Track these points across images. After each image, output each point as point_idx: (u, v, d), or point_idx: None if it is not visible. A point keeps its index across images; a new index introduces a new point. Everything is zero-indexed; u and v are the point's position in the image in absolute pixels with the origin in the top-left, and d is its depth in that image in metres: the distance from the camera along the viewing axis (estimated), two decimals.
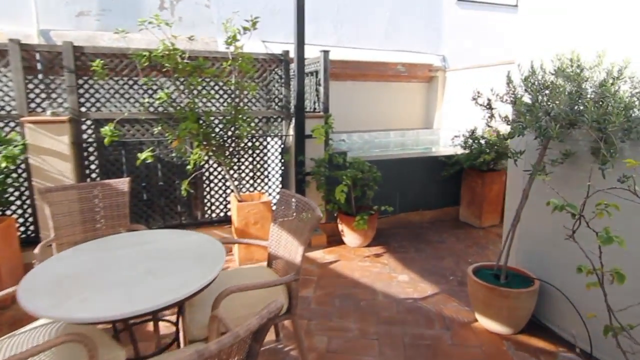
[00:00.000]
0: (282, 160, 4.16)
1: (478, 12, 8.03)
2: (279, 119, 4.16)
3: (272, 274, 2.24)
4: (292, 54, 3.95)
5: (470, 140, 4.57)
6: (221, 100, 3.86)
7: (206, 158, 3.67)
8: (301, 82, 3.93)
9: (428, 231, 4.58)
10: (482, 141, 4.50)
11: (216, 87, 3.83)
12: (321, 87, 4.22)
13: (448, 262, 3.72)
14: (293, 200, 2.25)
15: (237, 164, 4.02)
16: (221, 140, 3.65)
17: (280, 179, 4.25)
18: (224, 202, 4.05)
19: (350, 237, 3.98)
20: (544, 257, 2.59)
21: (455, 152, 4.74)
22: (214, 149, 3.48)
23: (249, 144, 4.02)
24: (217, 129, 3.81)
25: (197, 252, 1.88)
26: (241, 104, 3.88)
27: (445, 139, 7.53)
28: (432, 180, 4.78)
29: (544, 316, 2.61)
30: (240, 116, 3.53)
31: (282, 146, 4.17)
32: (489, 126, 2.43)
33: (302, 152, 4.01)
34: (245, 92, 3.81)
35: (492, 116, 2.36)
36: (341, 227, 4.08)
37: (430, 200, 4.85)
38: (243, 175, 4.10)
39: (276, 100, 4.10)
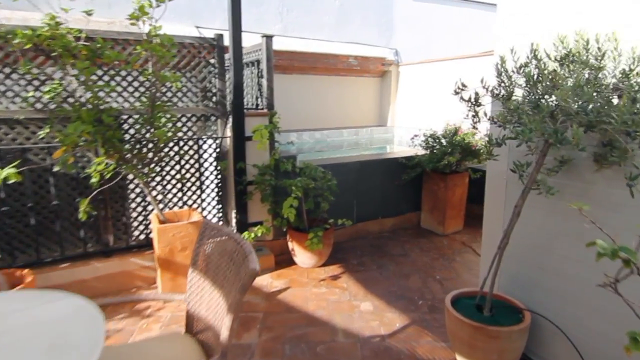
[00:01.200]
0: (219, 168, 3.45)
1: (432, 4, 7.75)
2: (213, 118, 3.43)
3: (190, 349, 1.56)
4: (228, 40, 3.25)
5: (432, 140, 4.16)
6: (137, 94, 3.06)
7: (118, 168, 2.87)
8: (238, 72, 3.24)
9: (389, 242, 4.12)
10: (444, 141, 4.11)
11: (129, 78, 3.03)
12: (264, 79, 3.56)
13: (415, 280, 3.25)
14: (222, 236, 1.60)
15: (161, 173, 3.25)
16: (136, 145, 2.86)
17: (217, 190, 3.53)
18: (145, 222, 3.26)
19: (303, 256, 3.38)
20: (531, 281, 2.17)
21: (416, 152, 4.31)
22: (125, 156, 2.69)
23: (176, 148, 3.26)
24: (131, 131, 3.02)
25: (53, 338, 1.17)
26: (163, 98, 3.11)
27: (400, 137, 7.19)
28: (391, 184, 4.32)
29: (534, 352, 2.20)
30: (159, 114, 2.78)
31: (218, 151, 3.45)
32: (474, 127, 1.93)
33: (242, 158, 3.33)
34: (169, 85, 3.06)
35: (476, 115, 1.85)
36: (292, 245, 3.47)
37: (390, 207, 4.39)
38: (169, 187, 3.33)
39: (209, 94, 3.38)
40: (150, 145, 2.96)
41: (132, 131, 3.04)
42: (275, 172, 3.44)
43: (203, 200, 3.48)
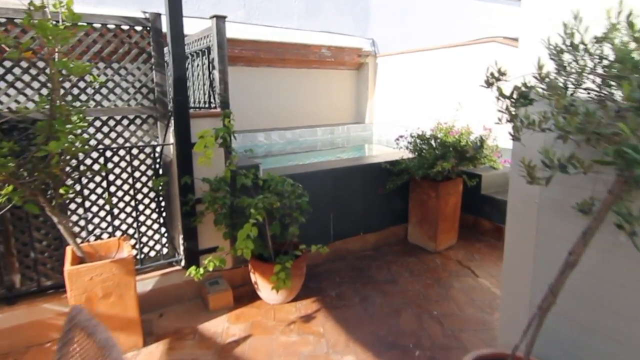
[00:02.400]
0: (162, 184, 2.73)
1: None
2: (151, 120, 2.70)
3: None
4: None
5: (420, 142, 3.57)
6: (38, 91, 2.29)
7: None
8: (180, 61, 2.52)
9: (373, 263, 3.51)
10: (434, 142, 3.53)
11: (25, 71, 2.25)
12: (216, 70, 2.85)
13: (407, 319, 2.66)
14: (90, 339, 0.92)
15: (83, 193, 2.49)
16: (30, 160, 2.09)
17: (160, 211, 2.80)
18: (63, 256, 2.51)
19: (269, 292, 2.72)
20: (577, 345, 1.60)
21: (402, 156, 3.72)
22: (20, 175, 1.94)
23: (102, 160, 2.51)
24: (26, 142, 2.26)
25: None
26: (69, 96, 2.35)
27: (379, 134, 6.61)
28: (374, 194, 3.71)
29: None
30: (65, 118, 2.02)
31: (159, 162, 2.72)
32: (515, 138, 1.32)
33: (188, 170, 2.62)
34: (90, 79, 2.31)
35: (513, 118, 1.24)
36: (254, 277, 2.80)
37: (373, 221, 3.79)
38: (96, 209, 2.58)
39: (145, 91, 2.64)
40: (50, 161, 2.20)
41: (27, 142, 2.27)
42: (232, 186, 2.75)
43: (142, 224, 2.75)
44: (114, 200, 2.60)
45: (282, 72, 5.82)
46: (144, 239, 2.79)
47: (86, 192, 2.53)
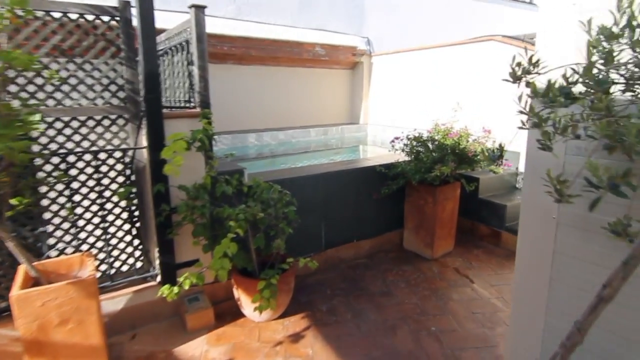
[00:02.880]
0: (133, 192, 2.48)
1: None
2: (122, 121, 2.45)
3: None
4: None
5: (417, 144, 3.35)
6: None
7: None
8: (151, 54, 2.27)
9: (367, 272, 3.28)
10: (431, 144, 3.31)
11: None
12: (195, 66, 2.60)
13: (404, 336, 2.43)
14: None
15: (37, 204, 2.24)
16: None
17: (133, 221, 2.55)
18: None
19: (253, 309, 2.47)
20: None
21: (397, 159, 3.49)
22: None
23: (63, 166, 2.25)
24: None
25: None
26: (40, 94, 2.10)
27: (374, 135, 6.38)
28: (368, 199, 3.48)
29: None
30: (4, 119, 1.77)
31: (130, 167, 2.47)
32: (545, 148, 1.08)
33: (161, 177, 2.37)
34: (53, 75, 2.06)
35: (541, 121, 1.01)
36: (237, 293, 2.56)
37: (367, 227, 3.56)
38: (58, 220, 2.33)
39: (114, 88, 2.39)
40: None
41: None
42: (213, 194, 2.50)
43: (112, 237, 2.50)
44: (80, 210, 2.35)
45: (274, 70, 5.58)
46: (115, 252, 2.54)
47: (52, 201, 2.28)
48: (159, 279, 2.59)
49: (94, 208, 2.41)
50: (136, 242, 2.58)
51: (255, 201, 2.48)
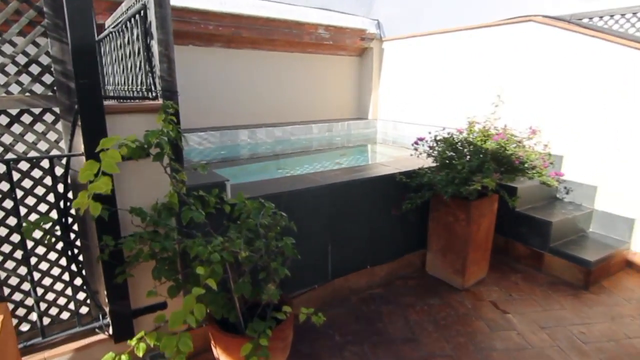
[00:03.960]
0: (69, 216, 1.80)
1: None
2: (50, 117, 1.76)
3: None
4: None
5: (448, 147, 2.66)
6: None
7: None
8: (83, 20, 1.56)
9: (384, 308, 2.62)
10: (466, 148, 2.63)
11: None
12: (154, 40, 1.90)
13: None
14: None
15: None
16: None
17: (72, 255, 1.87)
18: None
19: None
20: None
21: (420, 165, 2.81)
22: None
23: None
24: None
25: None
26: None
27: (384, 132, 5.68)
28: (385, 215, 2.81)
29: None
30: None
31: (65, 182, 1.79)
32: None
33: (105, 196, 1.68)
34: None
35: None
36: (216, 352, 1.89)
37: (383, 249, 2.89)
38: None
39: (36, 70, 1.69)
40: None
41: None
42: (180, 219, 1.82)
43: (44, 275, 1.82)
44: None
45: (270, 56, 4.86)
46: (50, 296, 1.87)
47: None
48: (111, 330, 1.93)
49: (16, 237, 1.74)
50: (79, 281, 1.91)
51: (238, 230, 1.81)
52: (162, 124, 1.71)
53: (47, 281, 1.85)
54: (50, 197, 1.77)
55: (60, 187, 1.77)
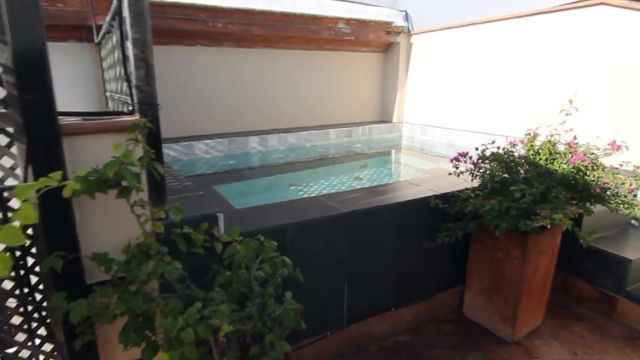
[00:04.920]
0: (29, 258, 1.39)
1: None
2: (3, 137, 1.36)
3: None
4: None
5: (495, 166, 2.12)
6: None
7: None
8: (27, 15, 1.15)
9: None
10: (523, 169, 2.08)
11: None
12: (129, 42, 1.47)
13: None
14: None
15: None
16: None
17: (30, 314, 1.47)
18: None
19: None
20: None
21: (461, 185, 2.28)
22: None
23: None
24: None
25: None
26: None
27: (411, 138, 5.12)
28: (414, 245, 2.30)
29: None
30: None
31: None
32: None
33: (63, 238, 1.27)
34: None
35: None
36: None
37: (411, 287, 2.39)
38: None
39: None
40: None
41: None
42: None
43: None
44: None
45: (284, 54, 4.41)
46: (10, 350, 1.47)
47: None
48: None
49: None
50: (44, 345, 1.51)
51: (226, 286, 1.35)
52: (131, 147, 1.27)
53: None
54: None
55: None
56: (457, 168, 2.29)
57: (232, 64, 4.08)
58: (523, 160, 2.03)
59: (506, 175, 2.06)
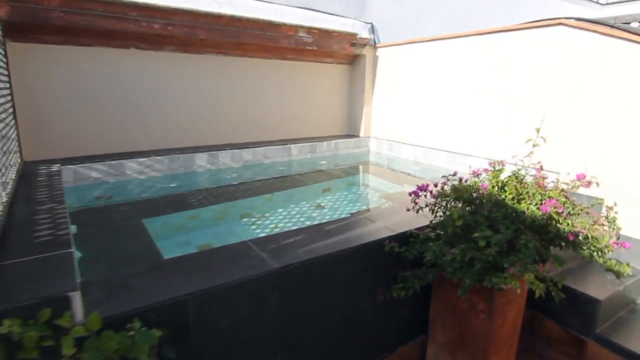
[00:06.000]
0: None
1: None
2: None
3: None
4: None
5: (461, 203, 1.80)
6: None
7: None
8: None
9: None
10: (487, 209, 1.77)
11: None
12: None
13: None
14: None
15: None
16: None
17: None
18: None
19: None
20: None
21: (430, 221, 1.96)
22: None
23: None
24: None
25: None
26: None
27: (378, 152, 4.85)
28: (368, 295, 1.94)
29: None
30: None
31: None
32: None
33: None
34: None
35: None
36: None
37: (365, 344, 2.02)
38: None
39: None
40: None
41: None
42: None
43: None
44: None
45: (239, 62, 4.03)
46: None
47: None
48: None
49: None
50: None
51: None
52: None
53: None
54: None
55: None
56: (415, 203, 1.96)
57: (176, 71, 3.66)
58: (486, 200, 1.72)
59: (471, 215, 1.74)
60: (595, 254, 1.67)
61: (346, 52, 4.51)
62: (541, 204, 1.66)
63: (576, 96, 2.94)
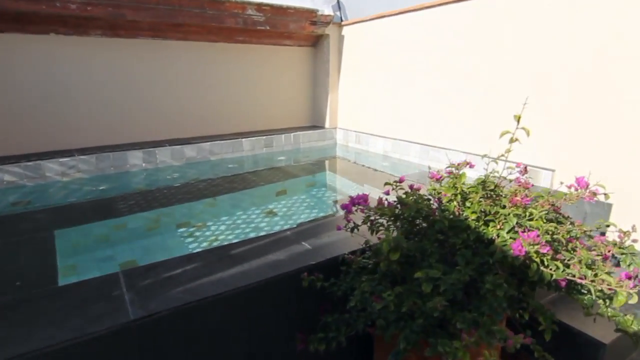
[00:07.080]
0: None
1: None
2: None
3: None
4: None
5: (402, 226, 1.35)
6: None
7: None
8: None
9: None
10: (440, 232, 1.32)
11: None
12: None
13: None
14: None
15: None
16: None
17: None
18: None
19: None
20: None
21: (366, 240, 1.51)
22: None
23: None
24: None
25: None
26: None
27: (345, 143, 4.40)
28: (286, 342, 1.50)
29: None
30: None
31: None
32: None
33: None
34: None
35: None
36: None
37: None
38: None
39: None
40: None
41: None
42: None
43: None
44: None
45: (180, 47, 3.51)
46: None
47: None
48: None
49: None
50: None
51: None
52: None
53: None
54: None
55: None
56: (348, 221, 1.51)
57: (104, 58, 3.15)
58: (437, 221, 1.27)
59: (414, 242, 1.29)
60: (601, 302, 1.23)
61: (306, 33, 4.00)
62: (517, 231, 1.20)
63: (578, 68, 2.47)
